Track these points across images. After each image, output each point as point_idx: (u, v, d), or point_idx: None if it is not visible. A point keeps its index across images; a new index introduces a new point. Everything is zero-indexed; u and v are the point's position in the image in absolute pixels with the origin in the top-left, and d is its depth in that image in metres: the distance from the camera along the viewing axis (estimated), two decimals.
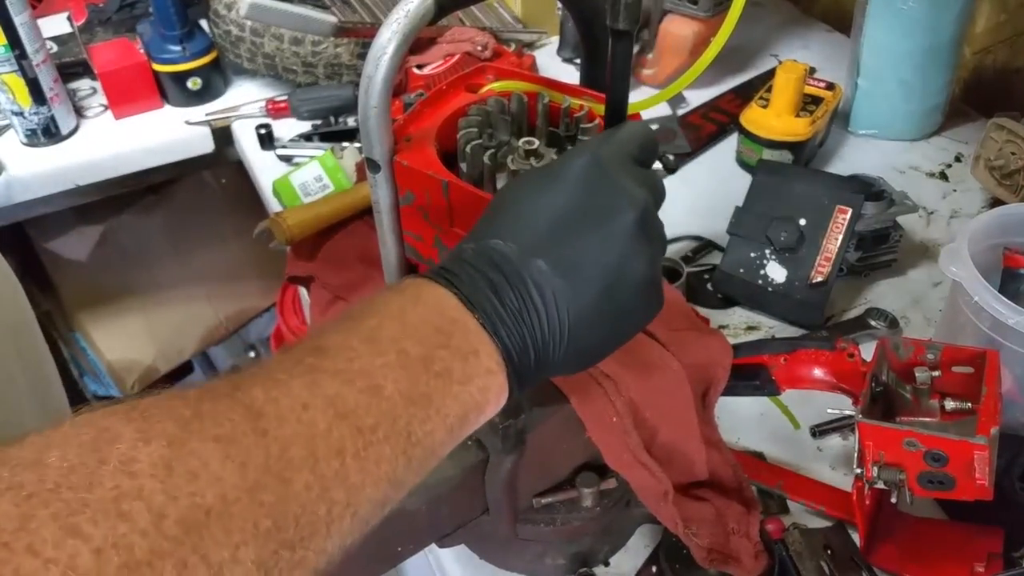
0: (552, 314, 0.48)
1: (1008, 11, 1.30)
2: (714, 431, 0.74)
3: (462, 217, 0.67)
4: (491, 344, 0.47)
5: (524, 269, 0.48)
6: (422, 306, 0.46)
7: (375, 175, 0.68)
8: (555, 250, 0.49)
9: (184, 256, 1.84)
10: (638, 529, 0.82)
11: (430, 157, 0.67)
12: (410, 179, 0.68)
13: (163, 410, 0.36)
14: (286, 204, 1.19)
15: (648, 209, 0.53)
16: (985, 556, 0.75)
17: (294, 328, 1.77)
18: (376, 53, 0.62)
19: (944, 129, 1.32)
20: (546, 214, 0.50)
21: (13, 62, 1.28)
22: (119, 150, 1.40)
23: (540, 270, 0.48)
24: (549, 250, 0.49)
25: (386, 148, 0.67)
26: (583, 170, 0.52)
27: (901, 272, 1.08)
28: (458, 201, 0.66)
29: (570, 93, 0.73)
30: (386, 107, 0.64)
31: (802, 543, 0.77)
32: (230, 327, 1.94)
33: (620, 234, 0.51)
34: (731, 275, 1.03)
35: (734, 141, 1.27)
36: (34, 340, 0.53)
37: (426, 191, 0.67)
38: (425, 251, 0.73)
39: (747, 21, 1.50)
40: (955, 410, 0.72)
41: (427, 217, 0.69)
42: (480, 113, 0.71)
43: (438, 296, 0.47)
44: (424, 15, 0.62)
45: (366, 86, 0.63)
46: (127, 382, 1.82)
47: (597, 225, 0.51)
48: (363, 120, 0.65)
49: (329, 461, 0.38)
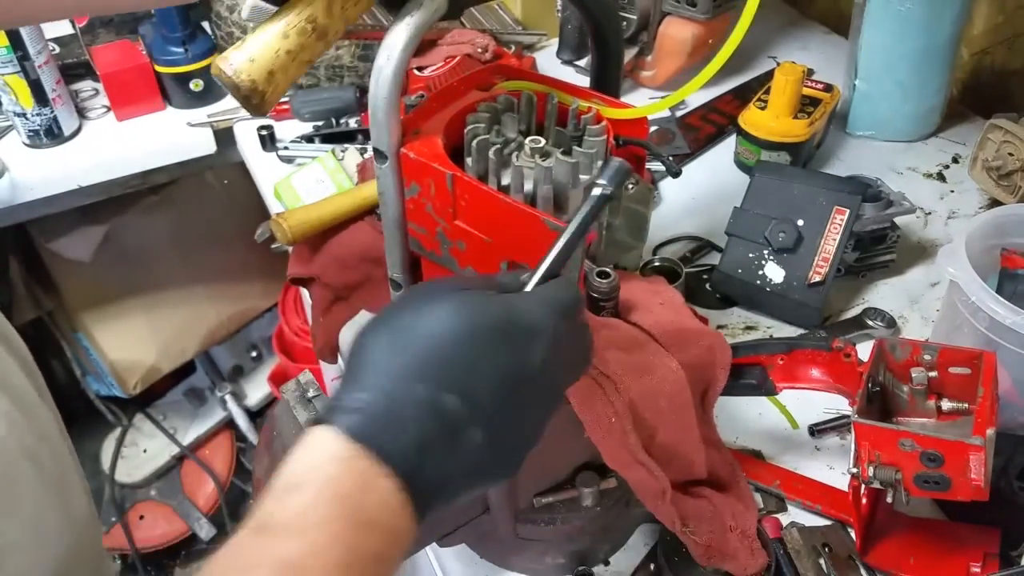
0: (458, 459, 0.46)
1: (1006, 12, 1.30)
2: (713, 430, 0.75)
3: (465, 211, 0.68)
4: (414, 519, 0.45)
5: (466, 434, 0.46)
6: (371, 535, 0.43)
7: (382, 165, 0.69)
8: (495, 423, 0.47)
9: (186, 256, 1.84)
10: (638, 528, 0.82)
11: (437, 150, 0.67)
12: (416, 171, 0.68)
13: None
14: (287, 205, 1.19)
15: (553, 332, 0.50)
16: (981, 556, 0.75)
17: (295, 328, 1.78)
18: (389, 44, 0.63)
19: (942, 130, 1.32)
20: (499, 378, 0.47)
21: (15, 63, 1.29)
22: (121, 151, 1.40)
23: (479, 440, 0.46)
24: (490, 422, 0.47)
25: (394, 139, 0.67)
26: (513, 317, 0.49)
27: (899, 273, 1.09)
28: (462, 195, 0.67)
29: (579, 95, 0.74)
30: (395, 98, 0.65)
31: (800, 541, 0.78)
32: (232, 327, 1.94)
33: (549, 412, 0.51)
34: (729, 275, 1.03)
35: (732, 142, 1.27)
36: (56, 450, 0.51)
37: (431, 183, 0.68)
38: (428, 244, 0.73)
39: None
40: (951, 411, 0.73)
41: (431, 210, 0.70)
42: (489, 110, 0.71)
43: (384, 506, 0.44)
44: (438, 9, 0.63)
45: (377, 77, 0.64)
46: (129, 382, 1.82)
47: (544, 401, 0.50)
48: (372, 111, 0.65)
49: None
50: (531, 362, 0.48)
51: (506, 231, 0.66)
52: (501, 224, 0.66)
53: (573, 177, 0.67)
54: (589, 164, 0.69)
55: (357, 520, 0.42)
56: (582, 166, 0.68)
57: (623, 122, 0.73)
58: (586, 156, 0.68)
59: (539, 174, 0.66)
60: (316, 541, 0.41)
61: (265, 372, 2.06)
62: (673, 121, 1.35)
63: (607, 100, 0.74)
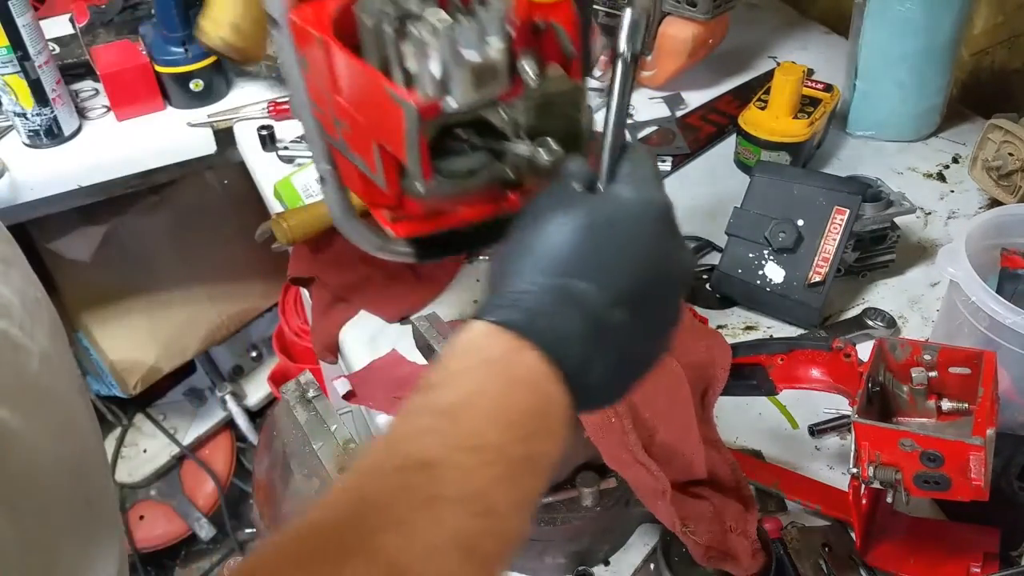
0: (609, 362, 0.49)
1: (1006, 13, 1.30)
2: (712, 430, 0.75)
3: (342, 85, 0.61)
4: (570, 408, 0.48)
5: (605, 316, 0.48)
6: (520, 389, 0.46)
7: (275, 33, 0.64)
8: (633, 300, 0.49)
9: (186, 256, 1.85)
10: (638, 528, 0.82)
11: (322, 15, 0.61)
12: (303, 40, 0.63)
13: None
14: (288, 205, 1.19)
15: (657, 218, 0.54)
16: (981, 556, 0.75)
17: (295, 328, 1.78)
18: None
19: (942, 130, 1.32)
20: (626, 259, 0.50)
21: (15, 63, 1.29)
22: (121, 151, 1.40)
23: (619, 320, 0.49)
24: (628, 300, 0.49)
25: (283, 2, 0.62)
26: (655, 216, 0.52)
27: (899, 273, 1.09)
28: (336, 65, 0.60)
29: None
30: None
31: (800, 541, 0.78)
32: (232, 327, 1.95)
33: (679, 292, 0.54)
34: (729, 275, 1.03)
35: (732, 142, 1.27)
36: (96, 471, 0.51)
37: (319, 55, 0.61)
38: (329, 128, 0.67)
39: (745, 23, 1.51)
40: (951, 411, 0.73)
41: (322, 86, 0.63)
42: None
43: (532, 369, 0.46)
44: None
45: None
46: (129, 382, 1.82)
47: (669, 282, 0.53)
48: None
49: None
50: (649, 243, 0.52)
51: (369, 106, 0.59)
52: (364, 97, 0.59)
53: (452, 52, 0.53)
54: (476, 40, 0.54)
55: (508, 376, 0.46)
56: (464, 39, 0.54)
57: (543, 6, 0.60)
58: (470, 31, 0.54)
59: (415, 46, 0.54)
60: (468, 390, 0.45)
61: (265, 372, 2.06)
62: (673, 121, 1.35)
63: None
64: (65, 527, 0.43)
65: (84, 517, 0.46)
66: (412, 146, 0.55)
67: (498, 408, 0.45)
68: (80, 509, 0.45)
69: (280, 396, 0.68)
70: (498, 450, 0.44)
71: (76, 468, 0.46)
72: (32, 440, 0.40)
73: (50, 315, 0.49)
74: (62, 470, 0.44)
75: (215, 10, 0.62)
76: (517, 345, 0.46)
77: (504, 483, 0.43)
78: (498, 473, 0.43)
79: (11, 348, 0.42)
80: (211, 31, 0.62)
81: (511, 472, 0.44)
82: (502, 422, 0.45)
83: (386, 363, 0.95)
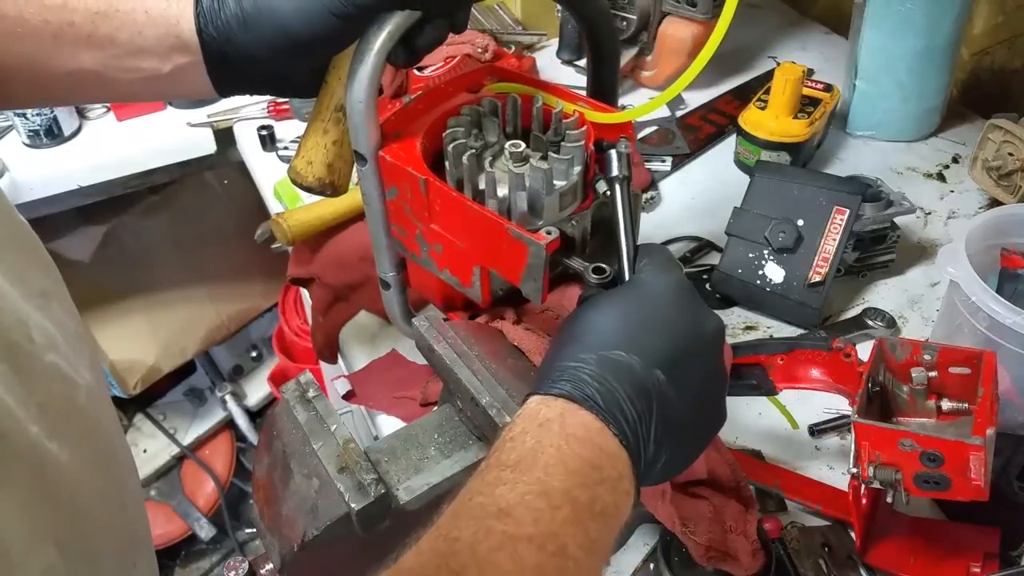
0: (659, 424, 0.53)
1: (1006, 13, 1.31)
2: None
3: (440, 215, 0.68)
4: (629, 464, 0.51)
5: (647, 380, 0.52)
6: (576, 442, 0.50)
7: (362, 168, 0.70)
8: (671, 362, 0.54)
9: (186, 256, 1.85)
10: (638, 528, 0.82)
11: (413, 154, 0.68)
12: (393, 174, 0.69)
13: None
14: (288, 205, 1.19)
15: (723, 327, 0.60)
16: (981, 556, 0.75)
17: (295, 328, 1.78)
18: (363, 47, 0.63)
19: (942, 130, 1.32)
20: (657, 329, 0.55)
21: None
22: (121, 151, 1.41)
23: (659, 380, 0.53)
24: (667, 362, 0.54)
25: (372, 142, 0.68)
26: (677, 291, 0.58)
27: (899, 273, 1.09)
28: (435, 200, 0.67)
29: (566, 98, 0.73)
30: (372, 102, 0.65)
31: (800, 541, 0.78)
32: (232, 327, 1.95)
33: (714, 351, 0.58)
34: (729, 275, 1.03)
35: (732, 142, 1.27)
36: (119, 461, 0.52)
37: (407, 187, 0.68)
38: (410, 246, 0.73)
39: (745, 23, 1.51)
40: (951, 411, 0.73)
41: (409, 213, 0.70)
42: (471, 113, 0.71)
43: (585, 425, 0.51)
44: (410, 14, 0.63)
45: (352, 80, 0.64)
46: (129, 382, 1.82)
47: (701, 342, 0.57)
48: (350, 114, 0.66)
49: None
50: (675, 312, 0.57)
51: (477, 237, 0.66)
52: (472, 230, 0.66)
53: (547, 183, 0.66)
54: (565, 171, 0.67)
55: (564, 433, 0.50)
56: (556, 172, 0.67)
57: (610, 126, 0.71)
58: (561, 162, 0.67)
59: (512, 180, 0.65)
60: (529, 447, 0.49)
61: (265, 372, 2.06)
62: (673, 121, 1.35)
63: (593, 104, 0.73)
64: (110, 558, 0.44)
65: (126, 547, 0.47)
66: (538, 276, 0.63)
67: (559, 458, 0.49)
68: (121, 539, 0.46)
69: (280, 396, 0.68)
70: (564, 494, 0.47)
71: (117, 499, 0.47)
72: (78, 474, 0.41)
73: (89, 348, 0.50)
74: (106, 502, 0.45)
75: (310, 152, 0.71)
76: (570, 407, 0.51)
77: (572, 525, 0.47)
78: (566, 515, 0.47)
79: (61, 381, 0.43)
80: (305, 172, 0.71)
81: (577, 515, 0.47)
82: (564, 470, 0.48)
83: (386, 363, 0.95)
